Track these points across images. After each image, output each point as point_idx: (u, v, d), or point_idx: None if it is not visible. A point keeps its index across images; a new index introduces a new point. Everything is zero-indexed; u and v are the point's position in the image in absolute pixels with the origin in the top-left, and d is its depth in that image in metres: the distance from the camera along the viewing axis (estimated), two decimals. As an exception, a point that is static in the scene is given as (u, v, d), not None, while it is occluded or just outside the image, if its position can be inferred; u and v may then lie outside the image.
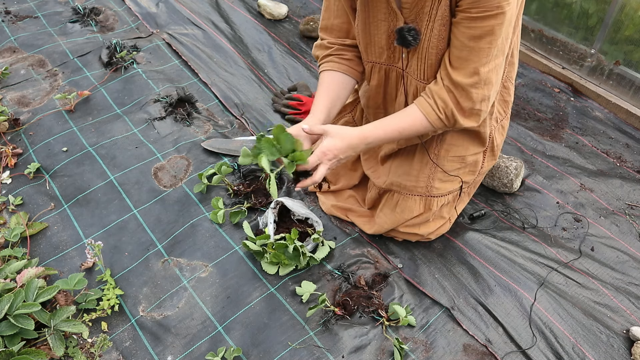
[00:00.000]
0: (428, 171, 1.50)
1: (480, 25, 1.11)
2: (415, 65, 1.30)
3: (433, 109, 1.24)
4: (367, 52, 1.37)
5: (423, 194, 1.51)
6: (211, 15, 2.61)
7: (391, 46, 1.31)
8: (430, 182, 1.50)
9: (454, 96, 1.22)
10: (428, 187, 1.50)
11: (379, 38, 1.30)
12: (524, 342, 1.41)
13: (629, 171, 1.97)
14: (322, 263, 1.58)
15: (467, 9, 1.12)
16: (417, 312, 1.48)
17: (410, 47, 1.25)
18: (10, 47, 2.37)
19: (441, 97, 1.23)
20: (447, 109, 1.23)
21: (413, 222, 1.55)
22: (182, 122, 2.03)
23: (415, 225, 1.55)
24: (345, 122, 1.70)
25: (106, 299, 1.44)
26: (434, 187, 1.50)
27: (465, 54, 1.16)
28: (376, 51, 1.34)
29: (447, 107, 1.23)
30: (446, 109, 1.23)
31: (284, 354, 1.37)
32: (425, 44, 1.23)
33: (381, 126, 1.28)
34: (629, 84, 2.17)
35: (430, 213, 1.53)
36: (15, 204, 1.71)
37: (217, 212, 1.65)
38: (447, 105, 1.23)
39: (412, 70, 1.32)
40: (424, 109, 1.25)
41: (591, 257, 1.65)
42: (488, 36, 1.12)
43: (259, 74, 2.29)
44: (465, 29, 1.14)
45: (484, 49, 1.14)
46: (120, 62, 2.27)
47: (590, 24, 2.19)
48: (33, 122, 2.00)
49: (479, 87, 1.19)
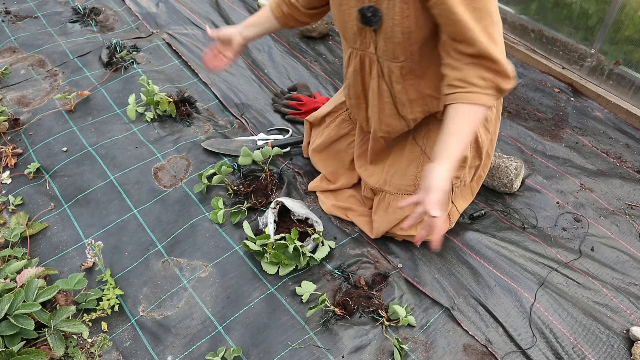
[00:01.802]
0: (415, 169, 1.51)
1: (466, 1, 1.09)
2: (384, 45, 1.28)
3: (481, 93, 1.17)
4: (345, 38, 1.39)
5: (412, 193, 1.51)
6: (211, 15, 2.61)
7: (361, 32, 1.31)
8: (419, 181, 1.50)
9: (483, 67, 1.16)
10: (416, 185, 1.51)
11: (351, 24, 1.31)
12: (524, 342, 1.41)
13: (629, 171, 1.97)
14: (322, 263, 1.58)
15: None
16: (417, 312, 1.48)
17: (373, 26, 1.23)
18: (10, 47, 2.37)
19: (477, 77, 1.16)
20: (491, 84, 1.17)
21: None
22: (182, 122, 2.03)
23: (414, 227, 1.55)
24: (342, 119, 1.71)
25: (106, 299, 1.44)
26: None
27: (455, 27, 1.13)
28: (350, 37, 1.35)
29: (489, 82, 1.17)
30: (490, 84, 1.17)
31: (284, 354, 1.37)
32: (389, 22, 1.22)
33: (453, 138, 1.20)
34: (629, 84, 2.17)
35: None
36: (15, 204, 1.71)
37: (217, 212, 1.65)
38: (487, 80, 1.16)
39: (382, 52, 1.31)
40: (472, 100, 1.18)
41: (591, 257, 1.65)
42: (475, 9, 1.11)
43: (259, 74, 2.29)
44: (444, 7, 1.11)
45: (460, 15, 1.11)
46: (120, 62, 2.27)
47: (590, 24, 2.19)
48: (33, 122, 2.00)
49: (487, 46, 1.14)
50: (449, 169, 1.18)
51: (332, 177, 1.76)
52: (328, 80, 2.28)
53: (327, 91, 2.23)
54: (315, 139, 1.79)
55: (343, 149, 1.74)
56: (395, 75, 1.34)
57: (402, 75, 1.34)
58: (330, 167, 1.76)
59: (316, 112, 1.79)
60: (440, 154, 1.19)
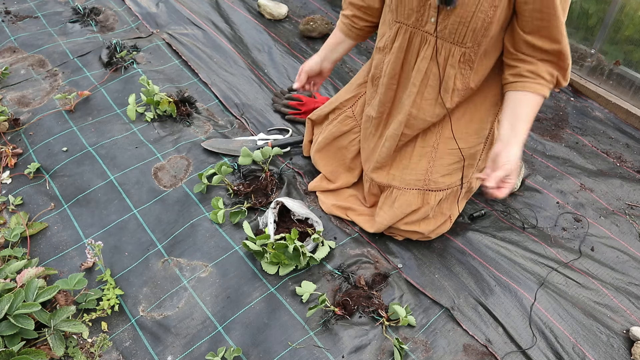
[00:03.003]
0: (426, 164, 1.50)
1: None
2: (452, 28, 1.26)
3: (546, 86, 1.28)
4: (397, 12, 1.35)
5: (421, 188, 1.51)
6: (211, 15, 2.61)
7: (421, 8, 1.29)
8: (429, 176, 1.50)
9: (553, 64, 1.26)
10: (426, 180, 1.51)
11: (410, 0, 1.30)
12: (524, 342, 1.41)
13: (629, 171, 1.97)
14: (322, 263, 1.58)
15: None
16: (417, 312, 1.48)
17: (452, 6, 1.22)
18: (10, 47, 2.37)
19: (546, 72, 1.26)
20: (554, 79, 1.28)
21: (412, 219, 1.55)
22: (182, 122, 2.03)
23: (415, 222, 1.55)
24: (346, 116, 1.70)
25: (106, 299, 1.44)
26: (432, 181, 1.50)
27: (545, 23, 1.19)
28: (405, 12, 1.33)
29: (554, 77, 1.28)
30: (553, 80, 1.28)
31: (284, 354, 1.37)
32: (472, 7, 1.21)
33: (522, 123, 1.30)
34: (629, 84, 2.17)
35: (428, 207, 1.52)
36: (15, 204, 1.71)
37: (217, 212, 1.65)
38: (553, 76, 1.27)
39: (446, 33, 1.29)
40: (538, 91, 1.28)
41: (591, 257, 1.65)
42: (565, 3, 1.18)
43: (259, 74, 2.29)
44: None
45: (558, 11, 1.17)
46: (120, 62, 2.27)
47: (590, 24, 2.19)
48: (33, 122, 2.00)
49: (566, 44, 1.23)
50: (520, 149, 1.29)
51: (331, 176, 1.76)
52: (328, 80, 2.28)
53: (327, 91, 2.23)
54: (317, 137, 1.78)
55: (345, 146, 1.73)
56: (454, 59, 1.33)
57: (460, 62, 1.34)
58: (331, 165, 1.76)
59: (319, 109, 1.79)
60: (511, 137, 1.28)
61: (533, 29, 1.21)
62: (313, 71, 1.64)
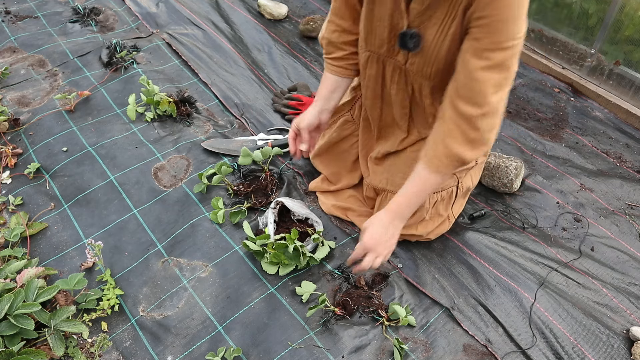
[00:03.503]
0: None
1: (492, 56, 1.10)
2: (419, 65, 1.30)
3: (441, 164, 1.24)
4: (367, 41, 1.36)
5: None
6: (211, 15, 2.61)
7: (392, 40, 1.31)
8: None
9: (459, 129, 1.19)
10: None
11: (382, 31, 1.30)
12: (524, 342, 1.41)
13: (629, 171, 1.97)
14: (322, 263, 1.58)
15: (477, 38, 1.11)
16: (417, 312, 1.48)
17: (411, 51, 1.26)
18: (10, 47, 2.37)
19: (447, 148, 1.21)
20: (452, 156, 1.22)
21: (409, 222, 1.54)
22: (182, 122, 2.03)
23: (412, 225, 1.55)
24: (345, 120, 1.70)
25: (106, 299, 1.44)
26: None
27: (474, 84, 1.14)
28: (376, 42, 1.34)
29: (452, 155, 1.21)
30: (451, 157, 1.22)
31: (284, 354, 1.37)
32: (433, 51, 1.23)
33: (399, 195, 1.33)
34: (629, 84, 2.17)
35: (423, 210, 1.52)
36: (15, 204, 1.71)
37: (217, 212, 1.65)
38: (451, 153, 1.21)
39: (414, 68, 1.31)
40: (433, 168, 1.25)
41: (591, 257, 1.65)
42: (499, 68, 1.11)
43: (259, 74, 2.29)
44: (475, 59, 1.12)
45: (494, 79, 1.12)
46: (120, 62, 2.27)
47: (590, 24, 2.19)
48: (33, 122, 2.00)
49: (488, 116, 1.17)
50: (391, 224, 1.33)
51: (333, 178, 1.75)
52: (328, 80, 2.28)
53: (327, 91, 2.23)
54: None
55: (346, 150, 1.73)
56: (426, 91, 1.36)
57: (432, 93, 1.36)
58: (332, 168, 1.76)
59: None
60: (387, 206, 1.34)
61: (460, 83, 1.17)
62: (312, 126, 1.52)
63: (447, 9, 1.15)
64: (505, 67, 1.12)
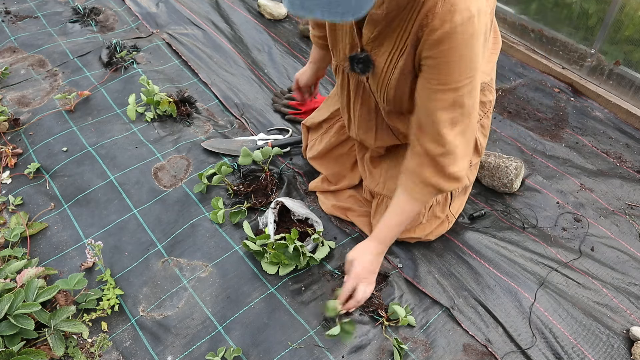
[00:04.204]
0: None
1: (442, 97, 1.09)
2: (373, 87, 1.30)
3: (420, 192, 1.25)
4: (333, 53, 1.38)
5: None
6: (211, 15, 2.61)
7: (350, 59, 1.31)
8: None
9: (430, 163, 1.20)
10: None
11: (343, 46, 1.30)
12: (524, 342, 1.41)
13: (629, 171, 1.97)
14: (322, 263, 1.58)
15: (428, 78, 1.10)
16: (417, 311, 1.48)
17: (361, 75, 1.27)
18: (10, 47, 2.37)
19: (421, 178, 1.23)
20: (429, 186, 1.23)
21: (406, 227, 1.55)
22: (182, 122, 2.03)
23: (410, 229, 1.55)
24: (340, 125, 1.70)
25: (106, 299, 1.44)
26: None
27: (431, 123, 1.15)
28: (340, 56, 1.35)
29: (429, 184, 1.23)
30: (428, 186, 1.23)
31: (284, 354, 1.37)
32: (384, 79, 1.23)
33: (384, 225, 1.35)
34: (629, 84, 2.17)
35: (420, 215, 1.53)
36: (15, 204, 1.71)
37: (217, 212, 1.65)
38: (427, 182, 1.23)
39: (372, 89, 1.32)
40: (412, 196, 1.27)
41: (591, 257, 1.65)
42: (452, 107, 1.11)
43: (259, 74, 2.29)
44: (425, 98, 1.12)
45: (448, 118, 1.12)
46: (120, 62, 2.27)
47: (590, 24, 2.19)
48: (33, 122, 2.00)
49: (450, 154, 1.17)
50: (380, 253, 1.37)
51: (334, 179, 1.75)
52: (328, 80, 2.28)
53: (327, 91, 2.23)
54: (314, 145, 1.78)
55: (345, 153, 1.73)
56: (385, 112, 1.39)
57: (390, 116, 1.39)
58: (332, 169, 1.76)
59: (312, 116, 1.79)
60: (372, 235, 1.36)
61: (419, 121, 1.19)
62: (311, 82, 1.74)
63: (395, 42, 1.14)
64: (459, 105, 1.11)
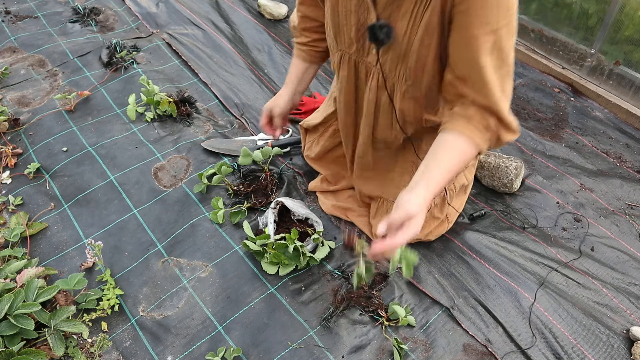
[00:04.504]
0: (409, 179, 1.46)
1: (483, 40, 1.03)
2: (392, 64, 1.21)
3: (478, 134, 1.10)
4: (337, 41, 1.30)
5: None
6: (211, 15, 2.61)
7: (360, 39, 1.23)
8: None
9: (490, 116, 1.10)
10: None
11: (349, 29, 1.22)
12: (524, 342, 1.41)
13: (629, 171, 1.97)
14: (322, 263, 1.58)
15: (464, 25, 1.04)
16: (417, 311, 1.48)
17: (382, 46, 1.17)
18: (10, 47, 2.37)
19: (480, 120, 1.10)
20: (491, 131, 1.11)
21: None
22: (182, 122, 2.03)
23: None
24: (334, 129, 1.68)
25: (106, 299, 1.44)
26: None
27: (476, 73, 1.07)
28: (346, 41, 1.26)
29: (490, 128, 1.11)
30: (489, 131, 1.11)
31: (284, 354, 1.37)
32: (404, 45, 1.14)
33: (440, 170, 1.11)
34: (629, 84, 2.17)
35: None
36: (15, 204, 1.71)
37: (217, 212, 1.65)
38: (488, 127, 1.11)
39: (387, 68, 1.23)
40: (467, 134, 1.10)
41: (591, 257, 1.65)
42: (491, 51, 1.05)
43: (259, 74, 2.29)
44: (464, 47, 1.06)
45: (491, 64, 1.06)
46: (120, 62, 2.27)
47: (590, 24, 2.19)
48: (33, 122, 2.00)
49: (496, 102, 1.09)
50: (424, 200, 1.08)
51: (333, 179, 1.75)
52: (328, 80, 2.28)
53: (327, 91, 2.23)
54: (311, 146, 1.78)
55: (342, 155, 1.72)
56: (400, 94, 1.27)
57: (405, 98, 1.28)
58: (331, 170, 1.76)
59: (308, 119, 1.78)
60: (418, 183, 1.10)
61: (462, 76, 1.10)
62: (286, 112, 1.56)
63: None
64: (498, 48, 1.05)
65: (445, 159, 1.12)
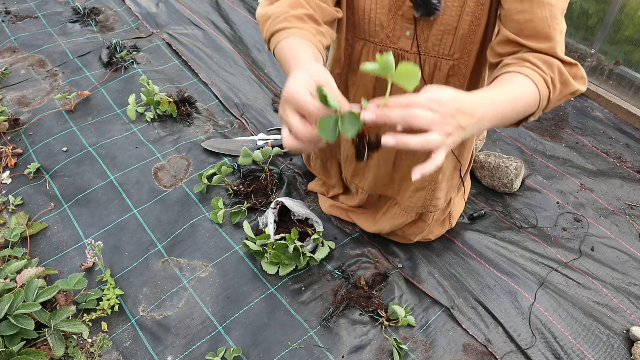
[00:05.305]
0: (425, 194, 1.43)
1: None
2: (435, 39, 1.10)
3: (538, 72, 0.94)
4: (359, 28, 1.16)
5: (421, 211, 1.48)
6: (211, 15, 2.61)
7: (390, 22, 1.12)
8: (428, 202, 1.44)
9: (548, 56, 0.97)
10: (426, 206, 1.45)
11: (379, 13, 1.10)
12: (524, 342, 1.41)
13: (629, 171, 1.97)
14: (322, 263, 1.58)
15: None
16: (417, 311, 1.48)
17: (434, 15, 1.04)
18: (10, 47, 2.37)
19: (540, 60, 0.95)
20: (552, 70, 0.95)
21: (410, 232, 1.54)
22: (182, 122, 2.03)
23: (413, 234, 1.55)
24: None
25: (106, 299, 1.44)
26: (431, 205, 1.45)
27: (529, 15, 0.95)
28: (370, 28, 1.14)
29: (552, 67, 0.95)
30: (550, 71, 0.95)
31: (284, 354, 1.37)
32: (458, 10, 1.04)
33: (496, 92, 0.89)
34: (629, 84, 2.17)
35: (424, 225, 1.51)
36: (15, 204, 1.71)
37: (217, 212, 1.65)
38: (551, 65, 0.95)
39: (429, 46, 1.12)
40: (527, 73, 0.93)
41: (591, 257, 1.65)
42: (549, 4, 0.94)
43: (259, 74, 2.29)
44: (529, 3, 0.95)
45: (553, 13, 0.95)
46: (120, 62, 2.27)
47: (590, 24, 2.19)
48: (33, 122, 2.00)
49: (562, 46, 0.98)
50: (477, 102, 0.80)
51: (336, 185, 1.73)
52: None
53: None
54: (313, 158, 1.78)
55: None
56: (441, 74, 1.16)
57: (449, 75, 1.17)
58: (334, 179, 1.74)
59: None
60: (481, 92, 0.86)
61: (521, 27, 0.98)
62: None
63: None
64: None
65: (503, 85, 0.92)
